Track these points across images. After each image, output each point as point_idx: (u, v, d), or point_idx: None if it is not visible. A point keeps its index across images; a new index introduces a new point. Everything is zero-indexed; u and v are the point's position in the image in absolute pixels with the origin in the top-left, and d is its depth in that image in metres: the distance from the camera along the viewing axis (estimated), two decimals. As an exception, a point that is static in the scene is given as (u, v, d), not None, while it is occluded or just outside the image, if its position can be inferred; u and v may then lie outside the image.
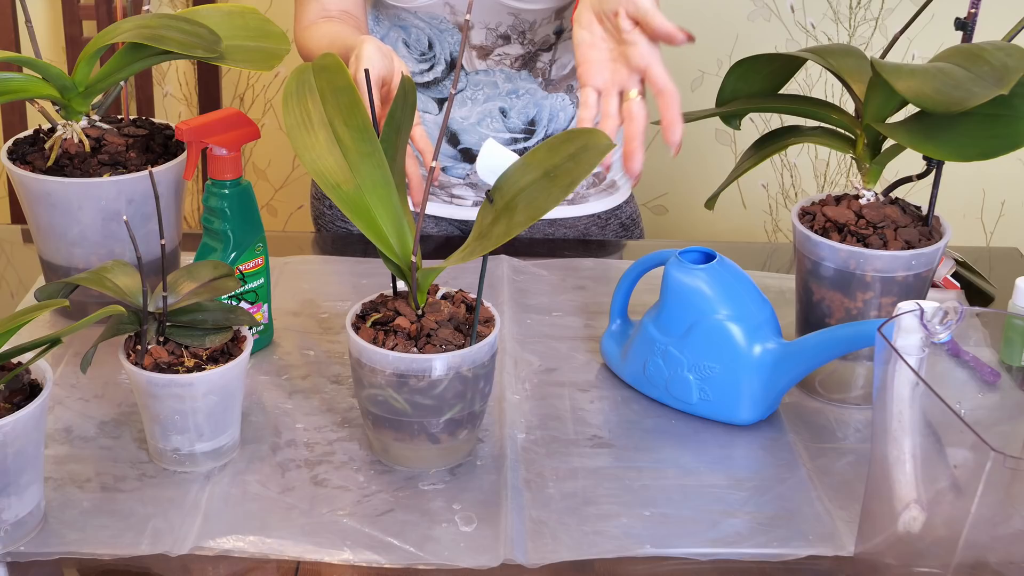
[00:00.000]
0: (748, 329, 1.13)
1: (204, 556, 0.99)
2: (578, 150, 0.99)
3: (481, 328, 1.07)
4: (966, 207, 2.52)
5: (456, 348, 1.04)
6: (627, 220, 1.65)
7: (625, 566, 1.00)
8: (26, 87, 1.22)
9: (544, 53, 1.48)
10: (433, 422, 1.06)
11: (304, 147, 1.04)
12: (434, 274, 1.06)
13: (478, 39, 1.46)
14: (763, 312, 1.15)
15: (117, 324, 1.04)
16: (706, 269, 1.14)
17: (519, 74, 1.49)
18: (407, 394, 1.04)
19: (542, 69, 1.50)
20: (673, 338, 1.15)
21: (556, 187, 0.97)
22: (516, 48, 1.47)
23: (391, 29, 1.50)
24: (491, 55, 1.47)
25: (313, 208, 1.70)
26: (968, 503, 0.84)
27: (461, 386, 1.05)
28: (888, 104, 1.15)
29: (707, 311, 1.13)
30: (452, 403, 1.05)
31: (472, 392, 1.06)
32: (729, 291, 1.14)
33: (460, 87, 1.49)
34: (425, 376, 1.03)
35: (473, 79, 1.49)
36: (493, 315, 1.09)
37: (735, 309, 1.13)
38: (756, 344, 1.13)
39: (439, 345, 1.04)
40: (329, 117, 1.06)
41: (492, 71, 1.48)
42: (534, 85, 1.50)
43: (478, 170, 1.03)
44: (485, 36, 1.46)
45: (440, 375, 1.03)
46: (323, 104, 1.06)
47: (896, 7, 2.37)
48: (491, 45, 1.46)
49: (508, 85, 1.49)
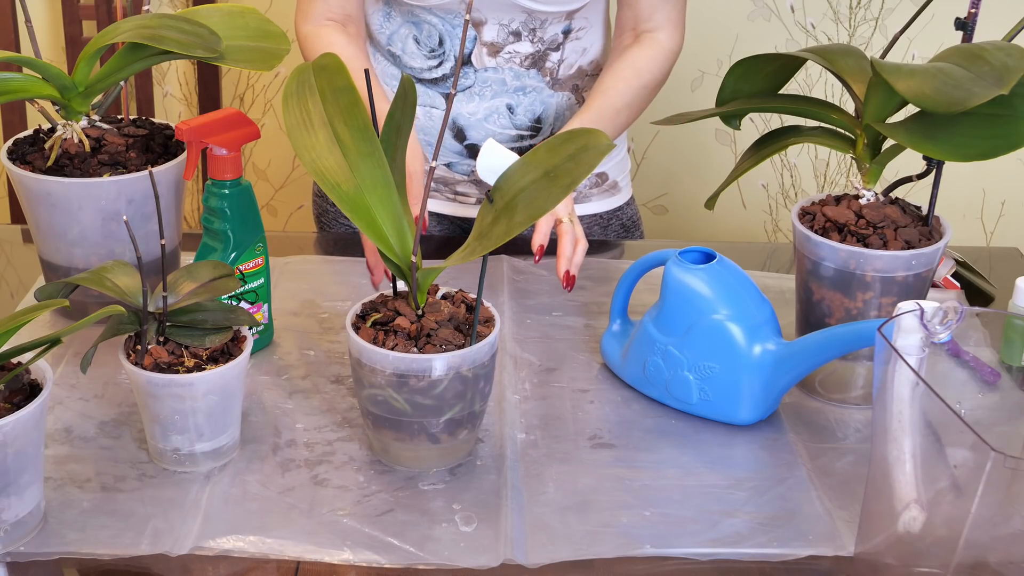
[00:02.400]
0: (748, 329, 1.13)
1: (204, 556, 0.99)
2: (578, 150, 0.99)
3: (481, 328, 1.07)
4: (966, 207, 2.52)
5: (456, 348, 1.04)
6: (628, 221, 1.65)
7: (625, 566, 1.00)
8: (26, 87, 1.22)
9: (553, 53, 1.49)
10: (433, 422, 1.06)
11: (304, 147, 1.04)
12: (434, 274, 1.06)
13: (490, 36, 1.47)
14: (763, 312, 1.14)
15: (117, 324, 1.04)
16: (706, 269, 1.14)
17: (528, 72, 1.49)
18: (407, 394, 1.04)
19: (551, 69, 1.50)
20: (673, 338, 1.15)
21: (556, 187, 0.98)
22: (526, 46, 1.47)
23: (402, 25, 1.51)
24: (501, 52, 1.47)
25: (315, 206, 1.70)
26: (968, 503, 0.84)
27: (461, 386, 1.05)
28: (888, 104, 1.15)
29: (707, 311, 1.13)
30: (452, 403, 1.05)
31: (472, 392, 1.06)
32: (729, 291, 1.14)
33: (469, 83, 1.50)
34: (425, 376, 1.03)
35: (482, 76, 1.49)
36: (493, 315, 1.09)
37: (735, 309, 1.13)
38: (756, 344, 1.13)
39: (439, 345, 1.04)
40: (329, 117, 1.06)
41: (501, 68, 1.49)
42: (541, 84, 1.51)
43: (478, 170, 1.03)
44: (497, 32, 1.46)
45: (440, 375, 1.03)
46: (323, 104, 1.06)
47: (896, 7, 2.37)
48: (502, 42, 1.47)
49: (516, 83, 1.50)
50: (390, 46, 1.53)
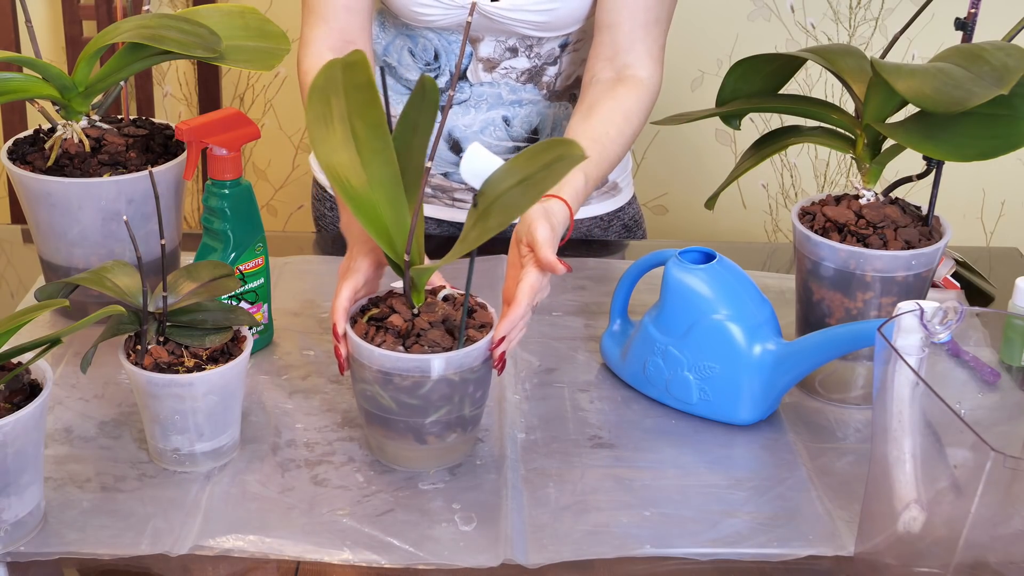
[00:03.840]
0: (748, 329, 1.13)
1: (204, 556, 0.99)
2: (553, 159, 1.00)
3: (475, 333, 1.07)
4: (966, 207, 2.52)
5: (443, 350, 1.04)
6: (629, 221, 1.65)
7: (625, 566, 1.00)
8: (26, 87, 1.22)
9: (550, 67, 1.48)
10: (419, 422, 1.06)
11: (320, 140, 1.05)
12: (428, 273, 1.06)
13: (486, 52, 1.46)
14: (763, 312, 1.15)
15: (117, 324, 1.04)
16: (706, 269, 1.14)
17: (524, 87, 1.49)
18: (393, 392, 1.04)
19: (548, 83, 1.50)
20: (673, 338, 1.16)
21: (527, 196, 1.00)
22: (523, 62, 1.47)
23: (397, 37, 1.50)
24: (497, 68, 1.47)
25: (314, 209, 1.70)
26: (968, 503, 0.84)
27: (448, 389, 1.04)
28: (888, 104, 1.15)
29: (707, 311, 1.13)
30: (438, 405, 1.05)
31: (461, 396, 1.06)
32: (729, 291, 1.14)
33: (464, 98, 1.49)
34: (409, 376, 1.03)
35: (477, 90, 1.48)
36: (492, 321, 1.09)
37: (735, 309, 1.13)
38: (756, 344, 1.13)
39: (427, 346, 1.04)
40: (348, 112, 1.06)
41: (497, 83, 1.48)
42: (538, 96, 1.50)
43: (462, 173, 1.03)
44: (494, 49, 1.46)
45: (424, 376, 1.03)
46: (345, 100, 1.06)
47: (896, 7, 2.37)
48: (498, 58, 1.46)
49: (512, 96, 1.49)
50: (386, 57, 1.52)
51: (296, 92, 2.50)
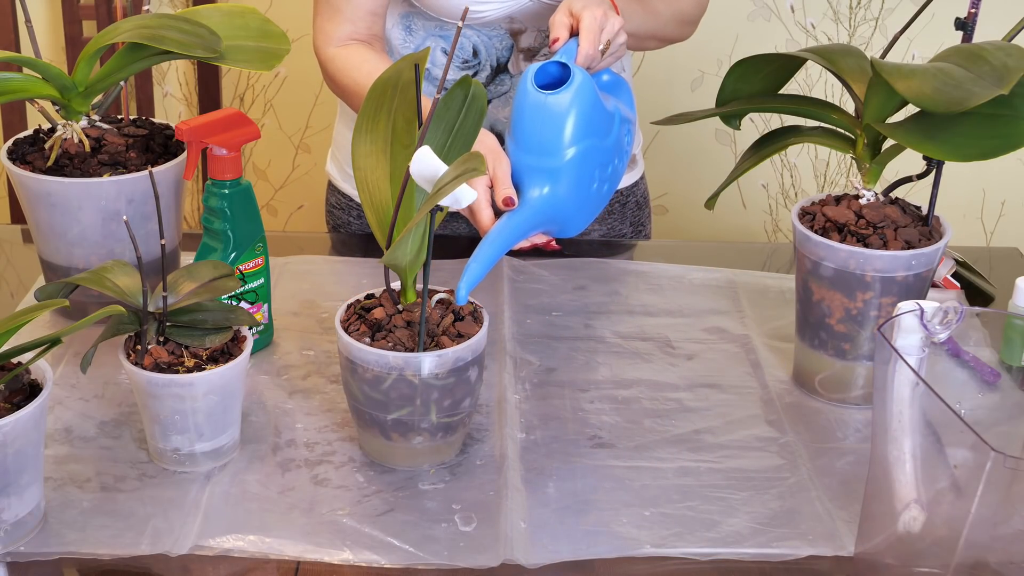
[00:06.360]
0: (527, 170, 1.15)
1: (204, 556, 0.99)
2: (464, 172, 1.00)
3: (448, 341, 1.06)
4: (966, 207, 2.53)
5: (406, 350, 1.05)
6: (641, 198, 1.66)
7: (625, 566, 1.00)
8: (26, 87, 1.22)
9: None
10: (382, 417, 1.07)
11: (359, 154, 1.09)
12: (413, 271, 1.07)
13: (527, 42, 1.47)
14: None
15: (117, 324, 1.04)
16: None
17: None
18: (358, 382, 1.06)
19: None
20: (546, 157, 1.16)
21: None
22: None
23: (428, 38, 1.49)
24: (537, 56, 1.48)
25: (334, 217, 1.66)
26: (968, 503, 0.84)
27: (408, 391, 1.05)
28: (888, 104, 1.15)
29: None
30: (399, 404, 1.05)
31: (424, 401, 1.05)
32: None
33: (505, 90, 1.51)
34: (370, 369, 1.04)
35: (517, 81, 1.49)
36: (475, 332, 1.07)
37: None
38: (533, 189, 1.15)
39: (393, 343, 1.05)
40: (395, 108, 1.09)
41: None
42: None
43: (414, 177, 1.02)
44: (535, 39, 1.47)
45: (382, 371, 1.04)
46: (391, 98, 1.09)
47: (896, 7, 2.37)
48: (538, 45, 1.47)
49: None
50: None
51: (296, 92, 2.50)
